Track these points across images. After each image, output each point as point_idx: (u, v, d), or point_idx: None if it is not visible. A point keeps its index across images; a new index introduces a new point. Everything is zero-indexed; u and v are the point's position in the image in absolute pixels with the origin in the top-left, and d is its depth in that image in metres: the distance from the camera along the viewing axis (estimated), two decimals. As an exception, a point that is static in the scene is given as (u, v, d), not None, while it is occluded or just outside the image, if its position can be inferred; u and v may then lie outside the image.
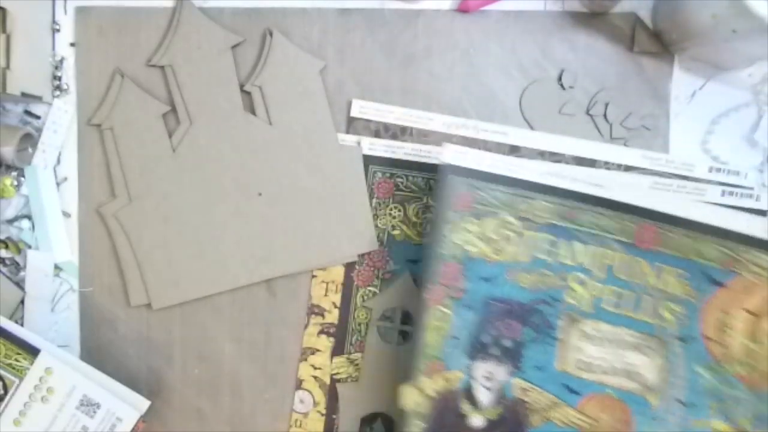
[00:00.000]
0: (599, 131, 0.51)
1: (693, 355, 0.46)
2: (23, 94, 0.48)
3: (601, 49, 0.51)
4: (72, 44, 0.52)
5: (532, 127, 0.51)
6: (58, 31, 0.52)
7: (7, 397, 0.45)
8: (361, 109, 0.51)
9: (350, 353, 0.51)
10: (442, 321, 0.45)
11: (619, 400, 0.45)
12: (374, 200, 0.51)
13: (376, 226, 0.51)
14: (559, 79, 0.51)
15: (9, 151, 0.48)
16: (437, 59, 0.51)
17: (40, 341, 0.46)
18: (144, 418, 0.47)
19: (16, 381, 0.45)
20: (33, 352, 0.46)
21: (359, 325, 0.51)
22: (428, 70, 0.51)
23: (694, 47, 0.48)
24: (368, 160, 0.51)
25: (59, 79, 0.51)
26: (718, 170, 0.50)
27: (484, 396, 0.45)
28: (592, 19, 0.51)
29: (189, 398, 0.52)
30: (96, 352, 0.52)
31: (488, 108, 0.51)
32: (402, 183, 0.51)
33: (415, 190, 0.51)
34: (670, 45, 0.50)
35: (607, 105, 0.50)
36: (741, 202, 0.50)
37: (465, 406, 0.45)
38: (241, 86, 0.51)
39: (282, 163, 0.51)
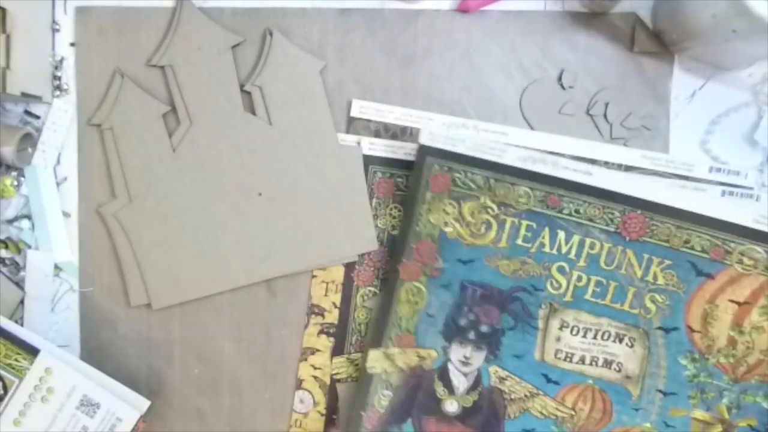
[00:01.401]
0: (599, 131, 0.51)
1: (675, 345, 0.46)
2: (23, 94, 0.48)
3: (601, 49, 0.51)
4: (72, 44, 0.52)
5: (532, 127, 0.51)
6: (58, 31, 0.52)
7: (7, 397, 0.45)
8: (361, 109, 0.51)
9: (350, 353, 0.51)
10: (417, 296, 0.45)
11: (599, 390, 0.46)
12: (374, 200, 0.51)
13: (376, 226, 0.51)
14: (559, 79, 0.51)
15: (9, 151, 0.48)
16: (437, 59, 0.51)
17: (40, 341, 0.46)
18: (144, 418, 0.47)
19: (16, 381, 0.45)
20: (33, 352, 0.46)
21: (359, 325, 0.51)
22: (428, 70, 0.51)
23: (694, 47, 0.48)
24: (368, 160, 0.51)
25: (59, 79, 0.51)
26: (718, 170, 0.50)
27: (459, 381, 0.45)
28: (592, 19, 0.51)
29: (189, 398, 0.52)
30: (96, 352, 0.52)
31: (488, 108, 0.51)
32: (402, 183, 0.51)
33: (415, 190, 0.51)
34: (670, 45, 0.50)
35: (607, 105, 0.50)
36: (741, 202, 0.50)
37: (439, 389, 0.45)
38: (241, 86, 0.51)
39: (282, 163, 0.51)
